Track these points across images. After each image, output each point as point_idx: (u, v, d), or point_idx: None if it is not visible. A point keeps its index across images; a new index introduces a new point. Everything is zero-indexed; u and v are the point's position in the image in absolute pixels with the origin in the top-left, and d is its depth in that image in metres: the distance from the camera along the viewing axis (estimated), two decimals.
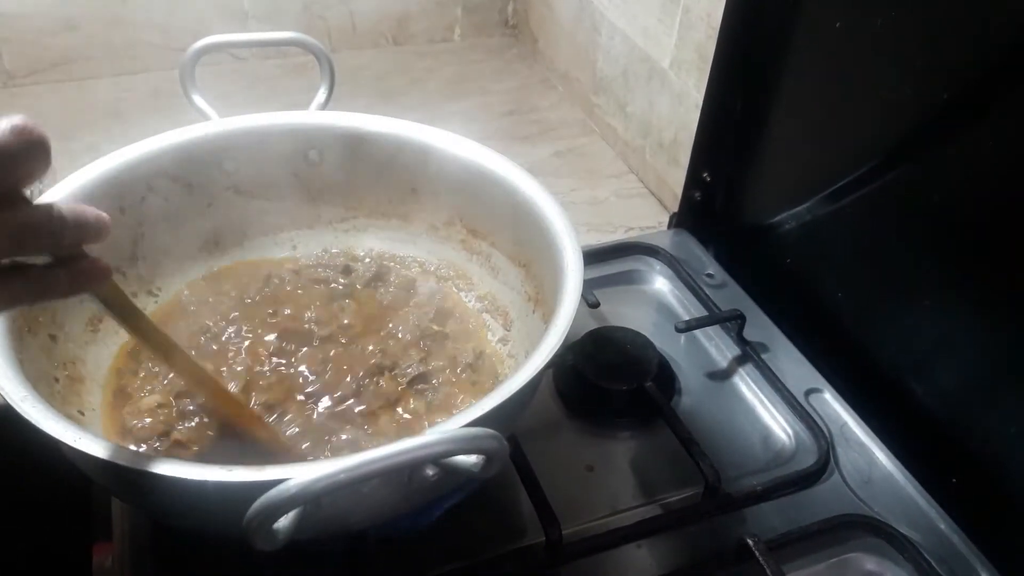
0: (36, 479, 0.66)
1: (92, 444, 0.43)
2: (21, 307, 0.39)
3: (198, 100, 0.69)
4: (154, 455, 0.43)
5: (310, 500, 0.36)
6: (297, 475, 0.36)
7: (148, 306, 0.67)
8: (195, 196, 0.69)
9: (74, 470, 0.48)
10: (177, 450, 0.56)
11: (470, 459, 0.41)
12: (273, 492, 0.36)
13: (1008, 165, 0.58)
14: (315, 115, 0.71)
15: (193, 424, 0.58)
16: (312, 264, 0.73)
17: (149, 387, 0.61)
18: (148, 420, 0.58)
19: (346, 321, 0.67)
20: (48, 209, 0.37)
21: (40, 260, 0.39)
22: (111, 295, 0.45)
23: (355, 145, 0.71)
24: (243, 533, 0.37)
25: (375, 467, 0.37)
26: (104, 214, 0.40)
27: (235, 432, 0.57)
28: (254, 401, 0.60)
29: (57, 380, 0.55)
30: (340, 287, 0.71)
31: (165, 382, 0.61)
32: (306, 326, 0.66)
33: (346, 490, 0.37)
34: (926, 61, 0.63)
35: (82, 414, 0.56)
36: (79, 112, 1.10)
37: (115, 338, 0.63)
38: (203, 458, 0.56)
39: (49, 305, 0.57)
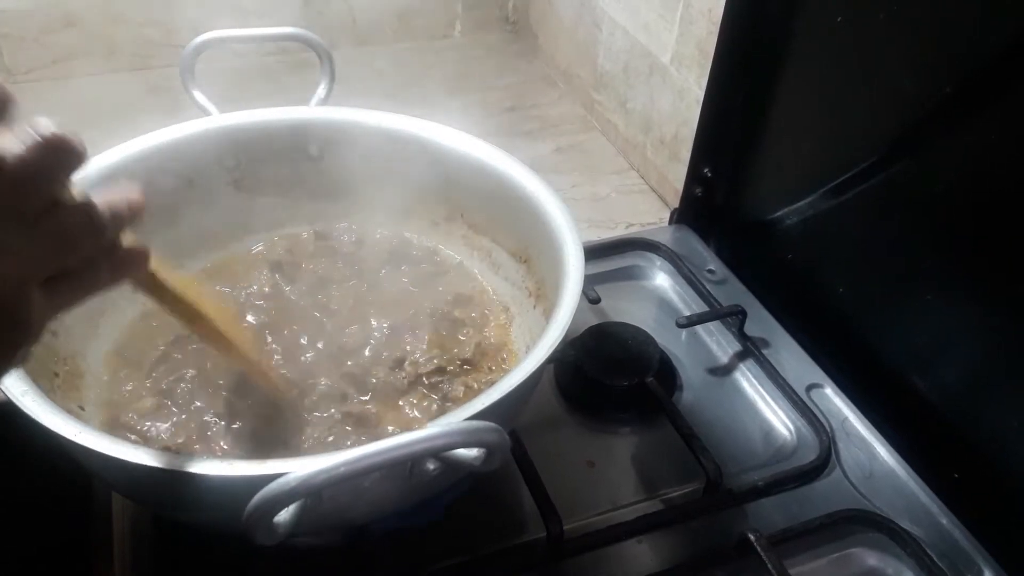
0: (36, 475, 0.66)
1: (92, 438, 0.43)
2: (69, 309, 0.38)
3: (198, 95, 0.69)
4: (154, 449, 0.43)
5: (310, 494, 0.36)
6: (297, 468, 0.36)
7: (146, 302, 0.67)
8: (196, 191, 0.68)
9: (75, 466, 0.48)
10: (186, 447, 0.56)
11: (471, 453, 0.41)
12: (273, 485, 0.36)
13: (1010, 159, 0.58)
14: (316, 110, 0.71)
15: (196, 422, 0.58)
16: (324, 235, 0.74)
17: (132, 384, 0.61)
18: (159, 424, 0.58)
19: (370, 308, 0.68)
20: (86, 210, 0.35)
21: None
22: (147, 279, 0.45)
23: (356, 140, 0.71)
24: (244, 527, 0.37)
25: (376, 460, 0.37)
26: (134, 194, 0.38)
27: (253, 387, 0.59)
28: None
29: (57, 375, 0.55)
30: (354, 267, 0.72)
31: (148, 383, 0.61)
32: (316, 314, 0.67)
33: (347, 484, 0.37)
34: (928, 55, 0.63)
35: (82, 409, 0.56)
36: (79, 109, 1.10)
37: (114, 334, 0.63)
38: (211, 452, 0.56)
39: None
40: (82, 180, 0.35)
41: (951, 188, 0.64)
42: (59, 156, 0.33)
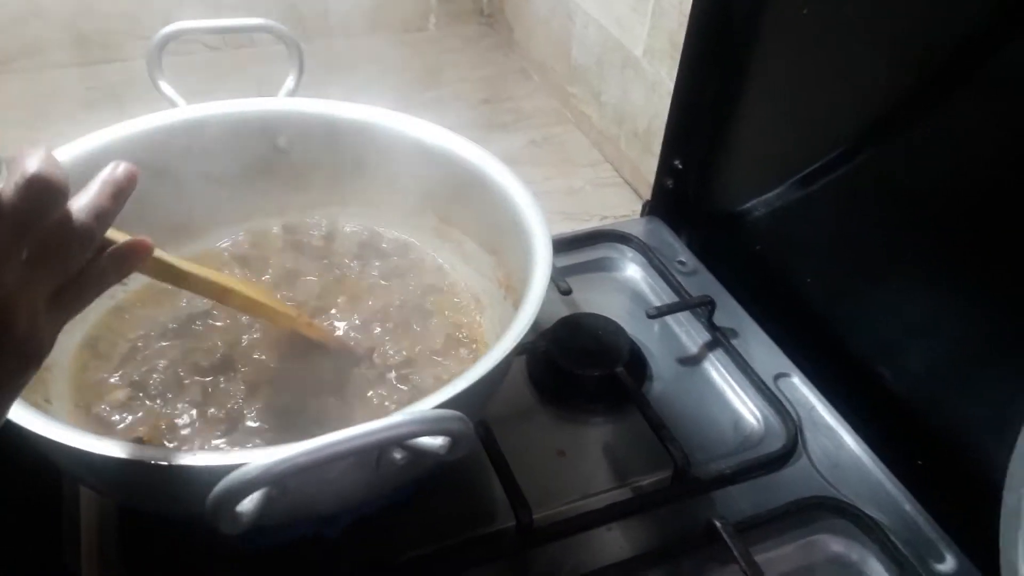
0: (2, 470, 0.65)
1: (58, 431, 0.43)
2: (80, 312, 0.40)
3: (165, 87, 0.69)
4: (118, 441, 0.43)
5: (272, 483, 0.36)
6: (257, 458, 0.36)
7: (117, 294, 0.67)
8: (164, 183, 0.68)
9: (42, 460, 0.48)
10: (158, 437, 0.56)
11: (436, 441, 0.41)
12: (234, 475, 0.36)
13: (977, 150, 0.59)
14: (284, 102, 0.71)
15: (169, 411, 0.58)
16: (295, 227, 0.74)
17: (102, 377, 0.61)
18: (128, 416, 0.58)
19: (339, 300, 0.68)
20: (72, 223, 0.36)
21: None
22: (156, 266, 0.45)
23: (326, 132, 0.71)
24: (207, 517, 0.37)
25: (337, 449, 0.37)
26: (119, 175, 0.40)
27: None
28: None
29: None
30: (323, 261, 0.72)
31: (119, 375, 0.61)
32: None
33: (309, 473, 0.37)
34: (894, 47, 0.63)
35: (48, 402, 0.56)
36: (47, 101, 1.09)
37: (80, 327, 0.63)
38: (184, 443, 0.56)
39: None
40: None
41: (918, 179, 0.64)
42: (45, 196, 0.33)
